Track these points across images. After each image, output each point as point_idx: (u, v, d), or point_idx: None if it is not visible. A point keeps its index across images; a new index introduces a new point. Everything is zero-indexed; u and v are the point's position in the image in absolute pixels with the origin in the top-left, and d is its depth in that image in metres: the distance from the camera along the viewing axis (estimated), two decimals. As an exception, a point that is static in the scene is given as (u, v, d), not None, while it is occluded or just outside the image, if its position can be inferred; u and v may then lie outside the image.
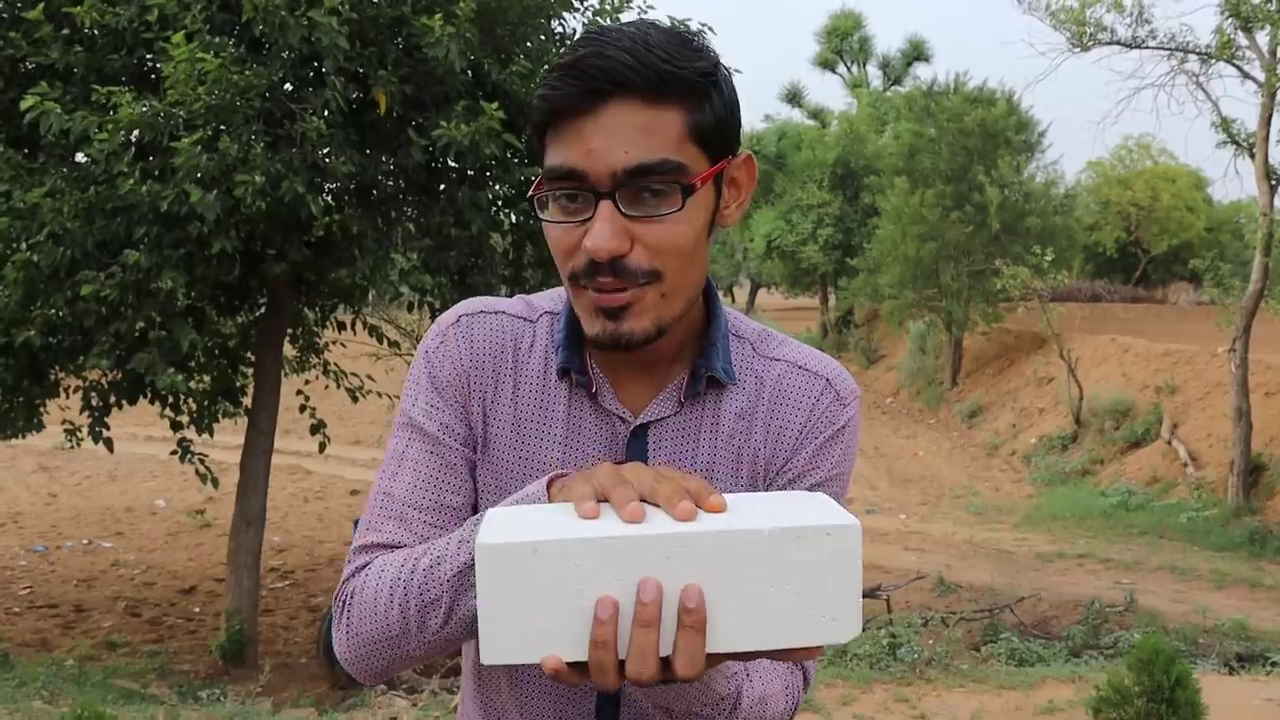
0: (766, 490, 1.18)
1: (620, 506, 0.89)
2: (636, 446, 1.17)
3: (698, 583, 0.87)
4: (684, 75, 1.05)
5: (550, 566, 0.87)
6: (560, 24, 8.43)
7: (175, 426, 8.90)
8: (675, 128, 1.05)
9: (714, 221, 1.13)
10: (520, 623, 0.88)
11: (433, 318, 9.02)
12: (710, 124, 1.08)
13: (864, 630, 7.27)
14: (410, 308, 9.21)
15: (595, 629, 0.87)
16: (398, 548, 1.14)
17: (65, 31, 7.13)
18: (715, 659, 0.90)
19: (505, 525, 0.91)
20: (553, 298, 1.24)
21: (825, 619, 0.88)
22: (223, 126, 6.78)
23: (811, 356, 1.23)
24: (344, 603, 1.14)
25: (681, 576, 0.87)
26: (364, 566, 1.15)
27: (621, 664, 0.88)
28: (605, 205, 1.04)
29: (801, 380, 1.20)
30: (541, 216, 1.10)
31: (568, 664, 0.88)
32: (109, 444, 8.13)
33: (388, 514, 1.16)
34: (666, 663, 0.88)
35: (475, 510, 1.19)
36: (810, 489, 1.17)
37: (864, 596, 9.19)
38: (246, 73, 6.67)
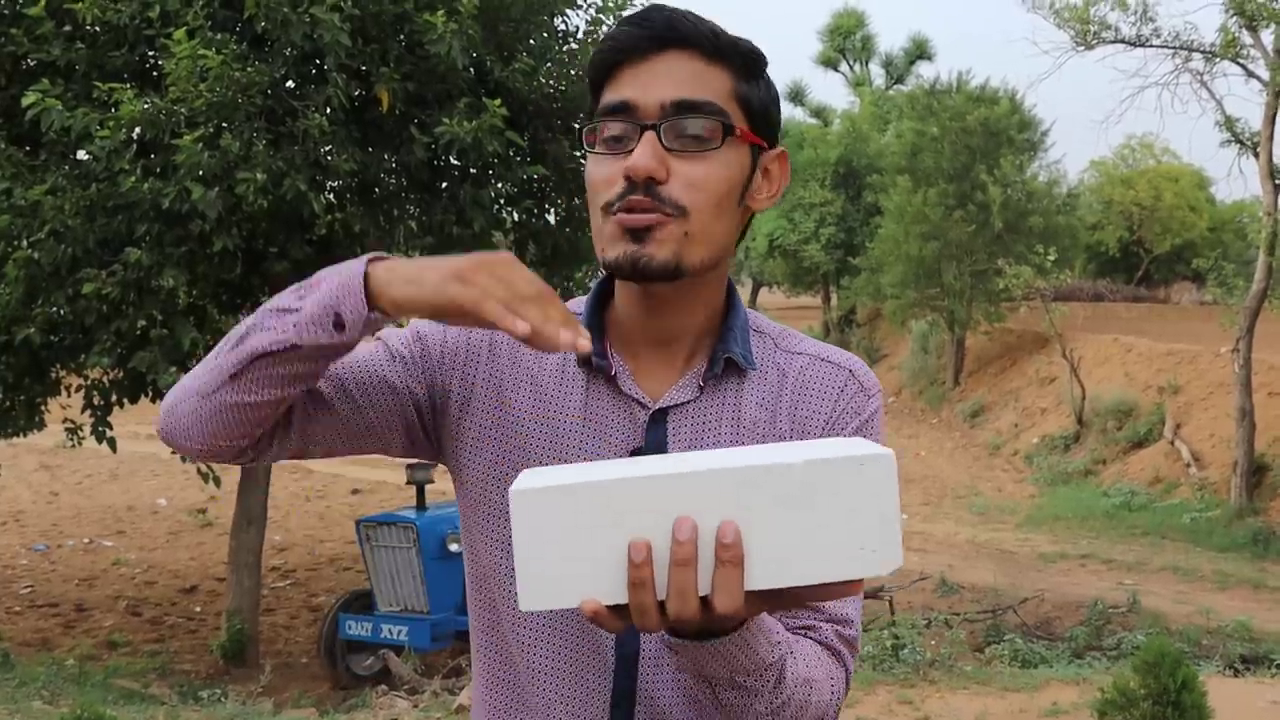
0: None
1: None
2: (655, 432, 1.17)
3: (733, 519, 0.87)
4: (738, 45, 1.15)
5: (584, 510, 0.88)
6: (563, 21, 8.42)
7: (176, 425, 8.87)
8: (725, 84, 1.13)
9: (745, 193, 1.16)
10: (556, 568, 0.88)
11: (434, 315, 8.99)
12: (756, 100, 1.16)
13: (866, 631, 7.25)
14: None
15: (631, 571, 0.88)
16: None
17: (67, 28, 7.11)
18: (756, 599, 0.90)
19: (538, 477, 0.92)
20: (576, 303, 1.25)
21: (864, 550, 0.87)
22: (224, 124, 6.77)
23: (833, 351, 1.25)
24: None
25: (717, 514, 0.87)
26: None
27: (662, 605, 0.89)
28: (649, 135, 1.10)
29: (825, 371, 1.21)
30: (589, 150, 1.15)
31: (608, 607, 0.88)
32: (112, 443, 8.11)
33: None
34: (707, 603, 0.89)
35: (374, 444, 1.20)
36: None
37: (867, 598, 9.19)
38: (248, 70, 6.65)
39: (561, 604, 0.88)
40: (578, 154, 8.30)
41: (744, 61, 1.15)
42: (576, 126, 8.26)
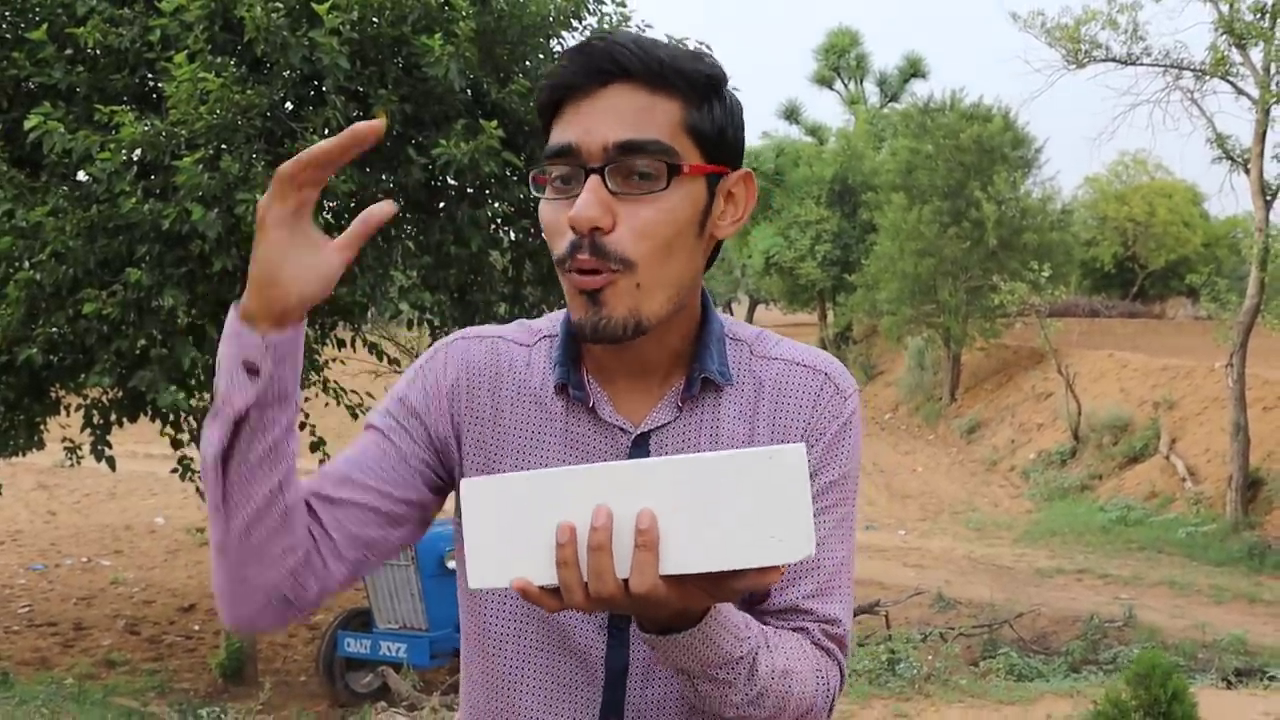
0: None
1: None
2: (639, 455, 1.18)
3: (652, 508, 0.94)
4: (685, 72, 1.10)
5: (522, 498, 0.97)
6: (559, 43, 8.50)
7: (176, 444, 8.92)
8: (672, 117, 1.10)
9: (705, 224, 1.14)
10: (499, 550, 0.97)
11: (432, 334, 9.07)
12: (708, 127, 1.12)
13: (863, 646, 7.29)
14: (410, 325, 9.25)
15: (557, 551, 0.95)
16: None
17: (68, 52, 7.19)
18: (679, 584, 0.96)
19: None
20: (551, 320, 1.26)
21: (775, 540, 0.94)
22: (224, 145, 6.84)
23: (808, 353, 1.24)
24: None
25: (640, 502, 0.95)
26: None
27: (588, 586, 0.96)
28: (593, 179, 1.07)
29: (801, 376, 1.22)
30: (538, 195, 1.14)
31: (543, 587, 0.96)
32: (111, 462, 8.15)
33: (308, 479, 1.21)
34: (628, 585, 0.95)
35: (414, 517, 1.22)
36: (825, 489, 1.19)
37: (863, 612, 9.22)
38: (248, 92, 6.73)
39: (503, 583, 0.97)
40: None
41: (694, 88, 1.11)
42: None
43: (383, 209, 1.06)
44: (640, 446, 1.19)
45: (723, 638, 1.04)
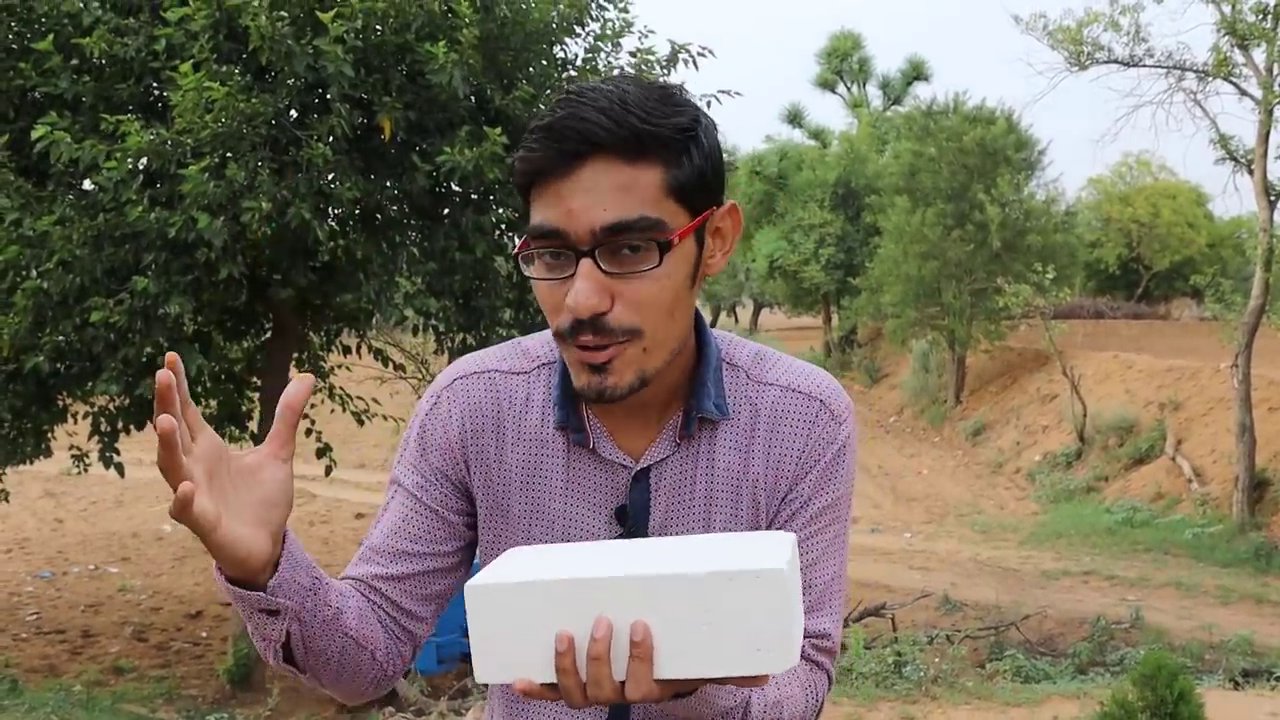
0: (772, 519, 1.24)
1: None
2: (639, 490, 1.22)
3: (645, 618, 0.99)
4: (661, 133, 1.08)
5: (525, 603, 1.02)
6: (562, 49, 8.53)
7: (182, 451, 8.94)
8: (653, 185, 1.08)
9: (698, 272, 1.15)
10: (504, 649, 1.02)
11: (437, 340, 9.09)
12: (690, 179, 1.10)
13: (869, 649, 7.29)
14: (415, 331, 9.27)
15: (556, 659, 0.99)
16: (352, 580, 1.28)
17: (74, 62, 7.23)
18: (666, 684, 1.00)
19: (500, 568, 1.07)
20: (549, 345, 1.26)
21: (759, 652, 0.99)
22: (230, 154, 6.87)
23: (804, 376, 1.25)
24: None
25: (634, 613, 1.00)
26: None
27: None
28: (585, 263, 1.08)
29: (796, 404, 1.23)
30: (527, 273, 1.13)
31: (542, 685, 1.01)
32: (120, 468, 8.18)
33: (359, 557, 1.28)
34: (623, 687, 1.00)
35: (466, 556, 1.29)
36: (819, 513, 1.23)
37: (870, 615, 9.23)
38: (253, 100, 6.76)
39: (509, 679, 1.02)
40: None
41: (670, 147, 1.09)
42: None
43: (299, 391, 1.07)
44: (640, 481, 1.22)
45: (718, 695, 1.08)
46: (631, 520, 1.22)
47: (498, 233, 8.38)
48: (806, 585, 1.20)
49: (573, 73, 8.47)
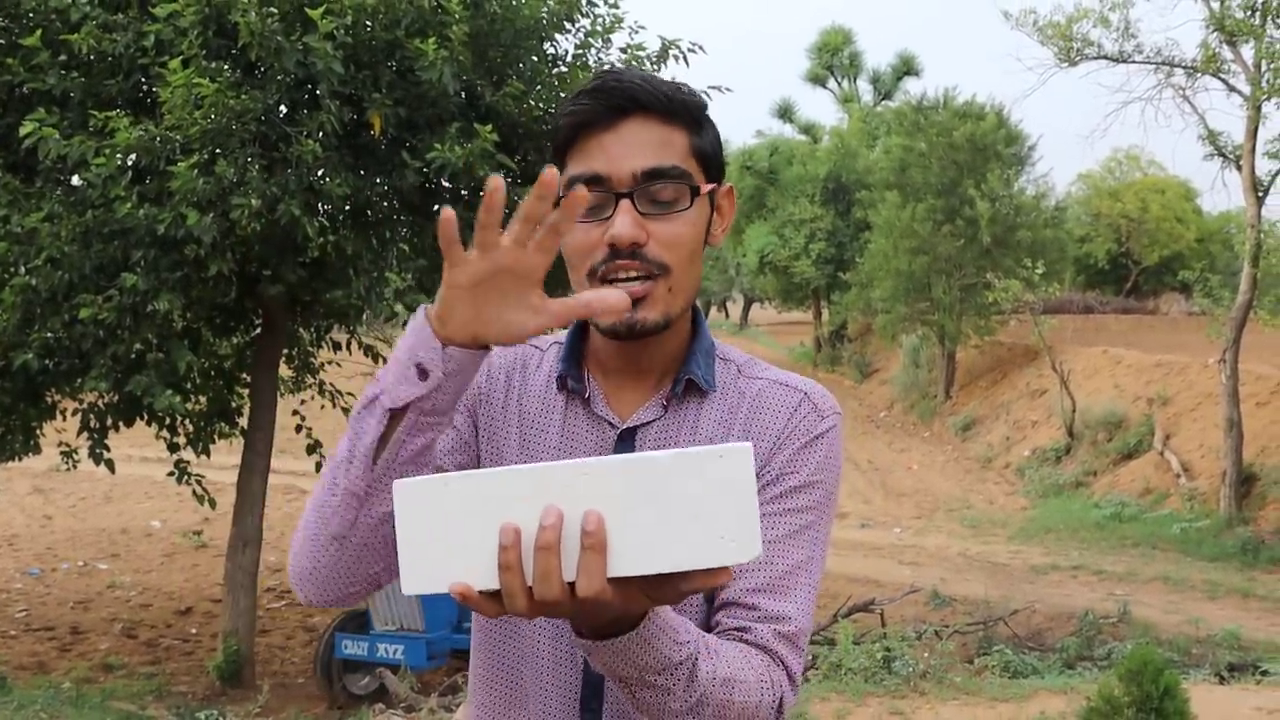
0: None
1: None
2: (623, 449, 1.28)
3: (599, 509, 0.92)
4: (689, 102, 1.26)
5: (462, 499, 0.94)
6: (552, 46, 8.52)
7: (172, 448, 8.94)
8: (683, 144, 1.25)
9: (707, 237, 1.29)
10: (437, 553, 0.94)
11: (428, 337, 9.07)
12: (707, 148, 1.28)
13: (858, 644, 7.32)
14: (405, 327, 9.26)
15: (500, 554, 0.93)
16: None
17: (62, 57, 7.20)
18: (626, 586, 0.95)
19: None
20: (565, 330, 1.35)
21: (724, 540, 0.92)
22: (219, 150, 6.86)
23: (794, 377, 1.34)
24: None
25: (585, 503, 0.93)
26: None
27: (532, 590, 0.94)
28: (625, 203, 1.21)
29: (781, 393, 1.31)
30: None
31: (484, 592, 0.94)
32: (110, 465, 8.17)
33: None
34: (573, 588, 0.94)
35: None
36: (787, 492, 1.24)
37: (859, 610, 9.26)
38: (242, 97, 6.74)
39: (441, 588, 0.94)
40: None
41: (695, 116, 1.26)
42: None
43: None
44: (625, 441, 1.28)
45: (661, 641, 1.04)
46: None
47: (488, 229, 8.36)
48: (767, 562, 1.20)
49: (563, 69, 8.47)
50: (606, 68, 1.33)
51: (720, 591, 1.20)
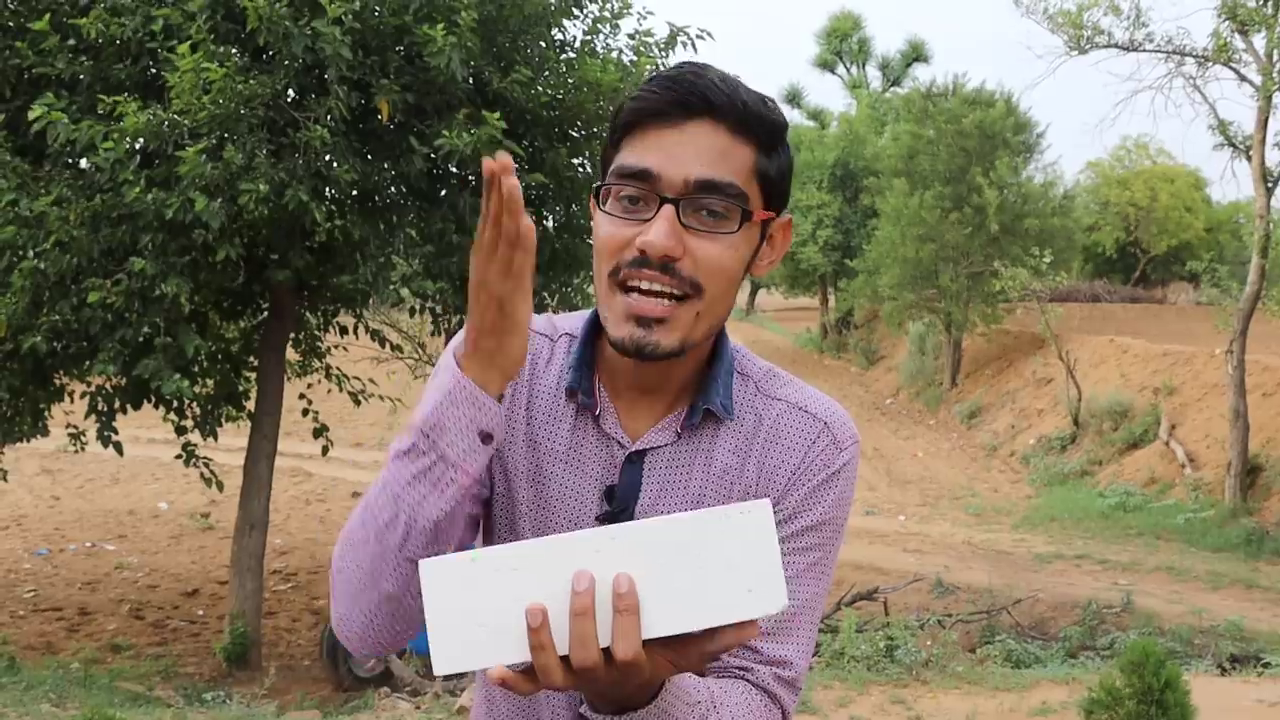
0: None
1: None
2: (631, 472, 1.21)
3: (628, 571, 0.93)
4: (765, 119, 1.15)
5: (489, 574, 0.94)
6: (560, 32, 8.51)
7: (180, 431, 8.98)
8: (747, 162, 1.14)
9: (750, 267, 1.19)
10: (468, 632, 0.94)
11: (434, 322, 9.11)
12: (774, 174, 1.16)
13: (861, 632, 7.35)
14: (412, 312, 9.29)
15: (530, 636, 0.93)
16: None
17: (71, 42, 7.21)
18: (657, 649, 0.95)
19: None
20: (574, 321, 1.28)
21: (750, 594, 0.94)
22: (227, 135, 6.87)
23: (814, 399, 1.25)
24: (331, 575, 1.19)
25: (613, 568, 0.93)
26: None
27: (566, 660, 0.94)
28: (668, 209, 1.11)
29: (799, 421, 1.23)
30: (602, 209, 1.15)
31: (519, 669, 0.94)
32: (118, 447, 8.21)
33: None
34: (609, 653, 0.94)
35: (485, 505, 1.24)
36: (800, 532, 1.20)
37: (862, 598, 9.29)
38: (250, 82, 6.75)
39: (473, 666, 0.94)
40: (575, 161, 8.39)
41: (768, 135, 1.15)
42: (574, 135, 8.35)
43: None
44: (634, 463, 1.21)
45: (677, 709, 1.03)
46: (619, 501, 1.20)
47: (495, 215, 8.37)
48: None
49: (571, 55, 8.46)
50: (690, 63, 1.19)
51: None
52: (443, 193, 8.20)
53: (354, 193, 7.81)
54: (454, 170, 8.02)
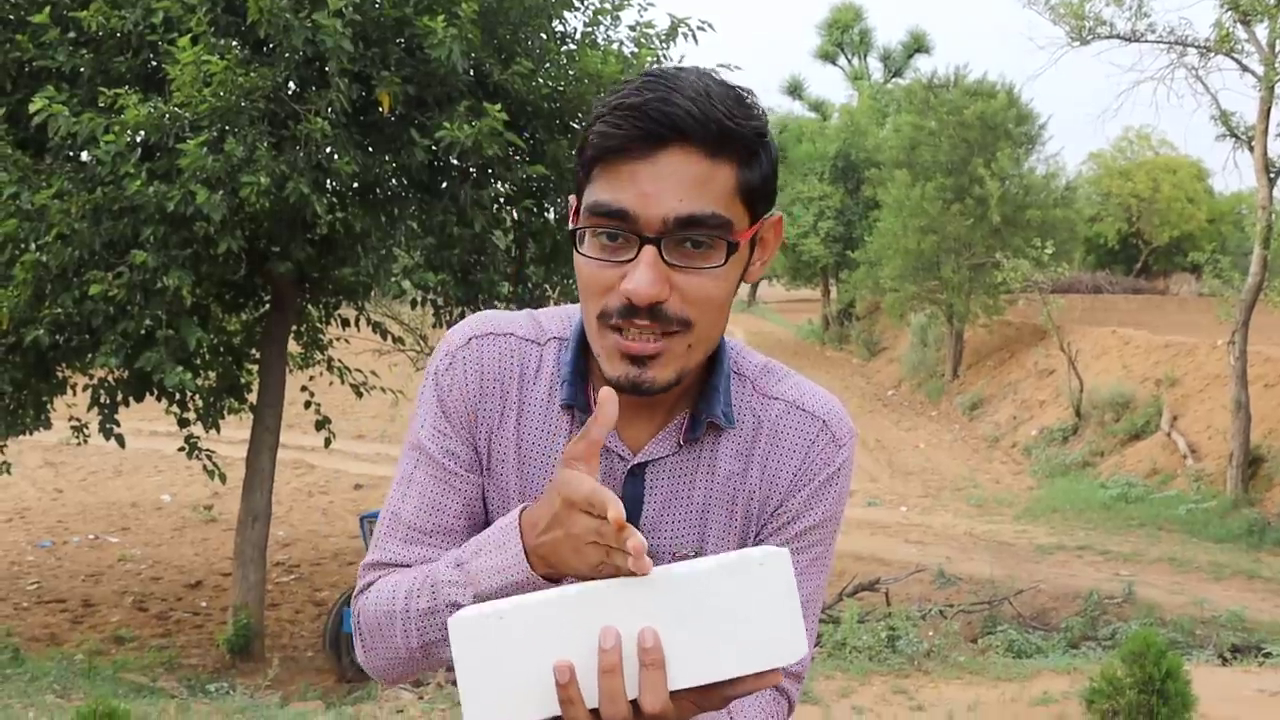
0: (759, 531, 1.23)
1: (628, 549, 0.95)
2: (634, 484, 1.20)
3: (652, 624, 0.94)
4: (742, 133, 1.08)
5: (516, 628, 0.95)
6: (561, 24, 8.50)
7: (182, 423, 8.99)
8: (728, 184, 1.08)
9: (743, 278, 1.16)
10: (498, 687, 0.95)
11: (436, 314, 9.12)
12: (757, 183, 1.11)
13: (862, 623, 7.36)
14: (413, 304, 9.30)
15: (559, 692, 0.94)
16: (402, 566, 1.22)
17: (71, 34, 7.21)
18: (681, 697, 0.96)
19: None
20: (561, 320, 1.25)
21: (772, 642, 0.95)
22: (228, 128, 6.86)
23: (810, 395, 1.25)
24: (356, 623, 1.23)
25: (636, 620, 0.94)
26: (370, 585, 1.23)
27: (596, 713, 0.95)
28: (650, 250, 1.06)
29: (798, 421, 1.22)
30: (579, 251, 1.10)
31: None
32: (121, 440, 8.22)
33: (394, 535, 1.23)
34: (637, 706, 0.95)
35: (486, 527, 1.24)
36: (803, 532, 1.22)
37: (864, 589, 9.30)
38: (251, 74, 6.75)
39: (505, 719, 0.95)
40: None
41: (747, 147, 1.09)
42: (575, 126, 8.34)
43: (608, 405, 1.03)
44: (636, 476, 1.20)
45: None
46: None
47: (496, 207, 8.38)
48: None
49: (571, 47, 8.45)
50: (656, 72, 1.11)
51: None
52: (444, 185, 8.19)
53: (355, 185, 7.81)
54: (455, 162, 8.02)
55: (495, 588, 1.07)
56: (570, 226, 1.14)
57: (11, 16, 7.46)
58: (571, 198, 1.16)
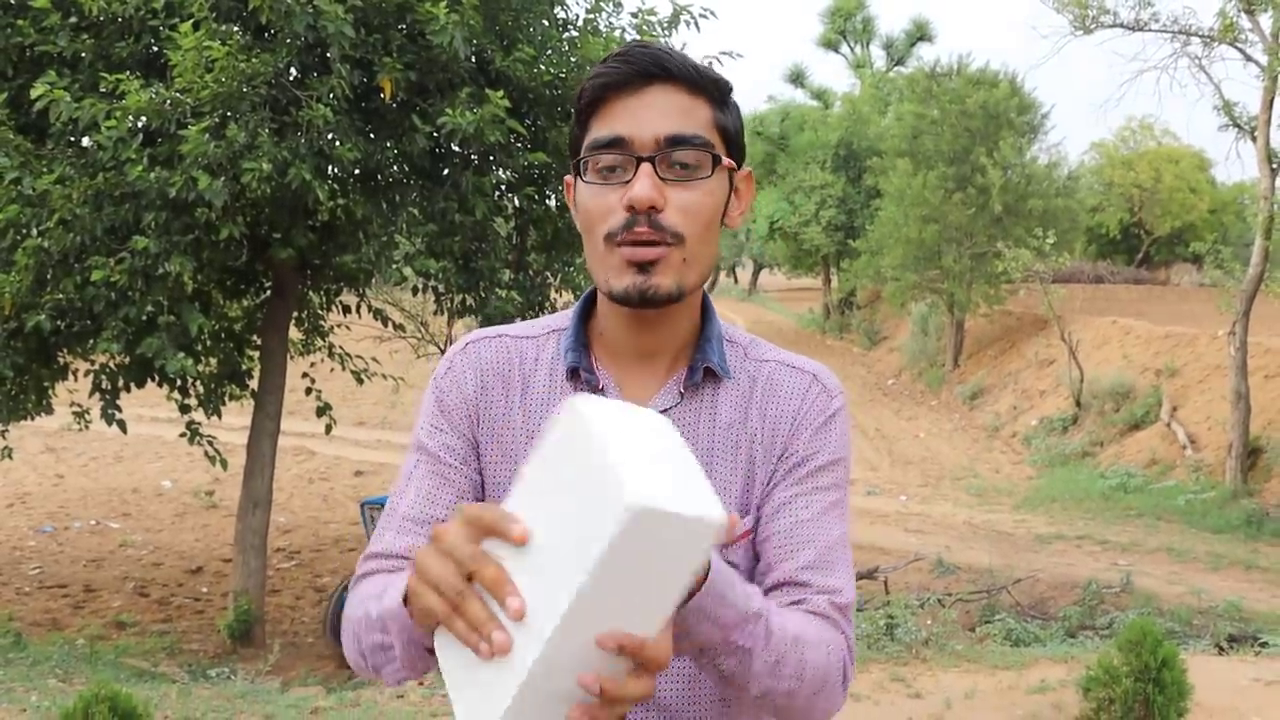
0: (770, 477, 1.28)
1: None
2: None
3: (605, 628, 0.90)
4: (715, 78, 1.26)
5: (525, 708, 0.91)
6: (563, 10, 8.49)
7: (183, 409, 9.01)
8: (706, 115, 1.24)
9: (724, 216, 1.29)
10: (485, 687, 0.92)
11: (437, 301, 9.13)
12: (730, 127, 1.27)
13: (861, 611, 7.39)
14: (415, 291, 9.31)
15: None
16: (396, 557, 1.27)
17: (73, 19, 7.20)
18: (673, 636, 0.98)
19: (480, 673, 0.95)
20: (559, 317, 1.36)
21: (702, 508, 0.91)
22: (230, 113, 6.85)
23: (799, 359, 1.36)
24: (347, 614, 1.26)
25: (589, 632, 0.90)
26: (365, 576, 1.28)
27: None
28: (646, 166, 1.20)
29: (791, 376, 1.33)
30: (583, 179, 1.24)
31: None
32: (122, 425, 8.24)
33: (389, 526, 1.29)
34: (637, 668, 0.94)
35: None
36: (818, 470, 1.28)
37: (863, 578, 9.33)
38: (253, 60, 6.74)
39: (499, 717, 0.91)
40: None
41: (719, 92, 1.26)
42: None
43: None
44: None
45: (730, 592, 1.06)
46: None
47: (497, 194, 8.38)
48: (810, 540, 1.25)
49: (573, 33, 8.44)
50: (635, 41, 1.55)
51: (772, 569, 1.24)
52: (445, 171, 8.19)
53: (356, 171, 7.81)
54: (456, 149, 8.01)
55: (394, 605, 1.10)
56: (574, 160, 1.27)
57: (12, 1, 7.44)
58: (568, 178, 1.30)
